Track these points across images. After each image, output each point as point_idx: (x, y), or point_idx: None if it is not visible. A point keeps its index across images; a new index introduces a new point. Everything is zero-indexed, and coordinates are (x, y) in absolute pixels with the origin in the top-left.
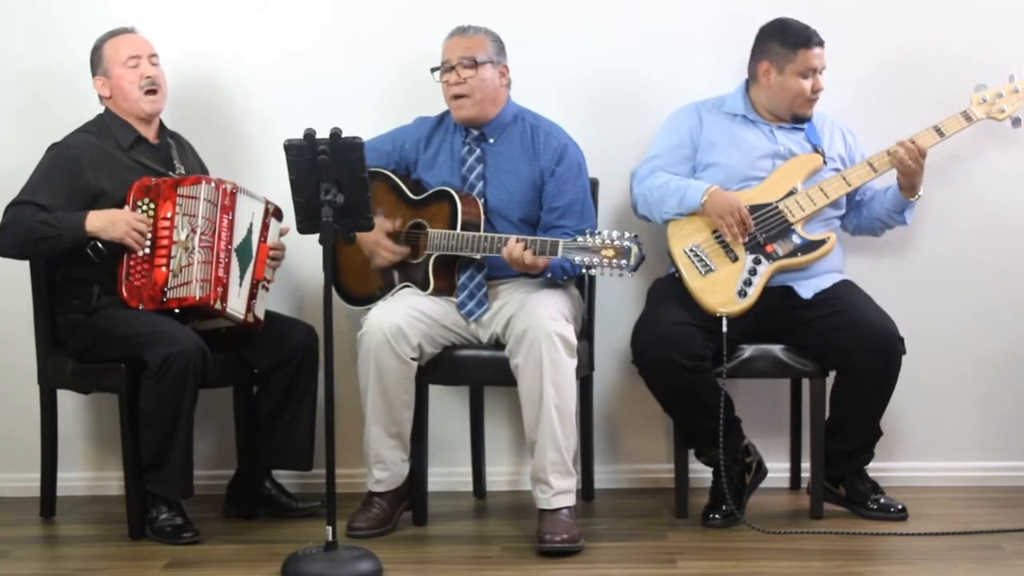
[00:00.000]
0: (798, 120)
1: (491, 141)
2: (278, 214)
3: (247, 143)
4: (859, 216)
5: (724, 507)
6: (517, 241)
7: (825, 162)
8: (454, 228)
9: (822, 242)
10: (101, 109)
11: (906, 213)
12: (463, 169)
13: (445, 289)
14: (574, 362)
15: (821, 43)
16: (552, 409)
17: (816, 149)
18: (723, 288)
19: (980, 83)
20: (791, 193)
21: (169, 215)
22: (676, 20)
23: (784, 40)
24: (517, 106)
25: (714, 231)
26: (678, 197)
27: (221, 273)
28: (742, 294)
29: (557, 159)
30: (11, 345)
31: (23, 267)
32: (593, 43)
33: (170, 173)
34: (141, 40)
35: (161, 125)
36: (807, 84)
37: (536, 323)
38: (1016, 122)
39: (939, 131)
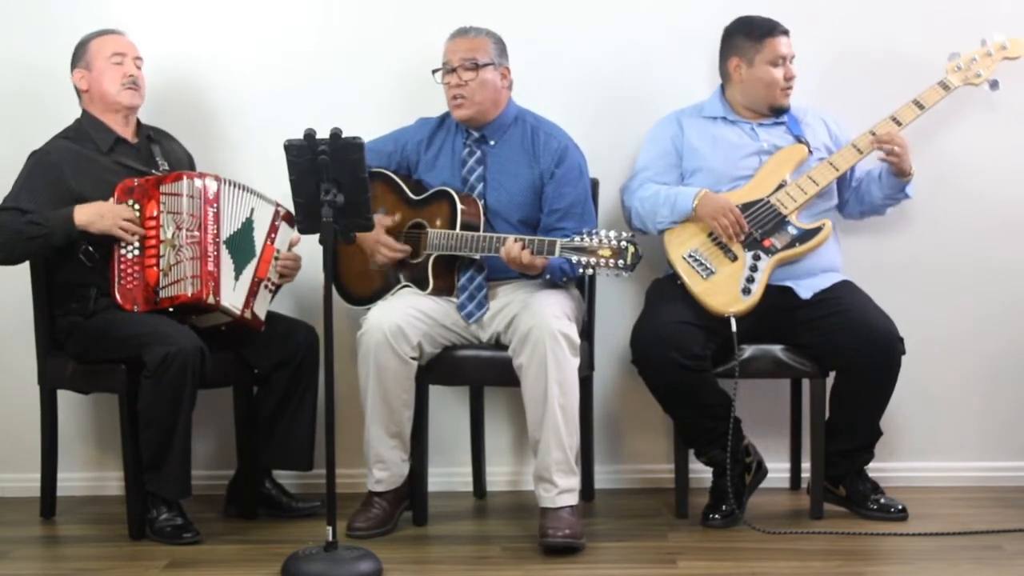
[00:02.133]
0: (777, 112)
1: (492, 143)
2: (290, 219)
3: (247, 143)
4: (861, 202)
5: (724, 507)
6: (515, 241)
7: (811, 152)
8: (453, 228)
9: (818, 229)
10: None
11: (907, 189)
12: (463, 170)
13: (445, 289)
14: (577, 361)
15: (786, 32)
16: (557, 408)
17: (799, 140)
18: (726, 289)
19: (953, 51)
20: (781, 186)
21: (155, 214)
22: (676, 20)
23: (749, 33)
24: (518, 107)
25: (710, 234)
26: (669, 205)
27: (211, 267)
28: (746, 292)
29: (557, 161)
30: (11, 346)
31: (23, 269)
32: (594, 44)
33: (153, 171)
34: (128, 42)
35: (138, 123)
36: (779, 72)
37: (540, 322)
38: (994, 85)
39: (919, 104)
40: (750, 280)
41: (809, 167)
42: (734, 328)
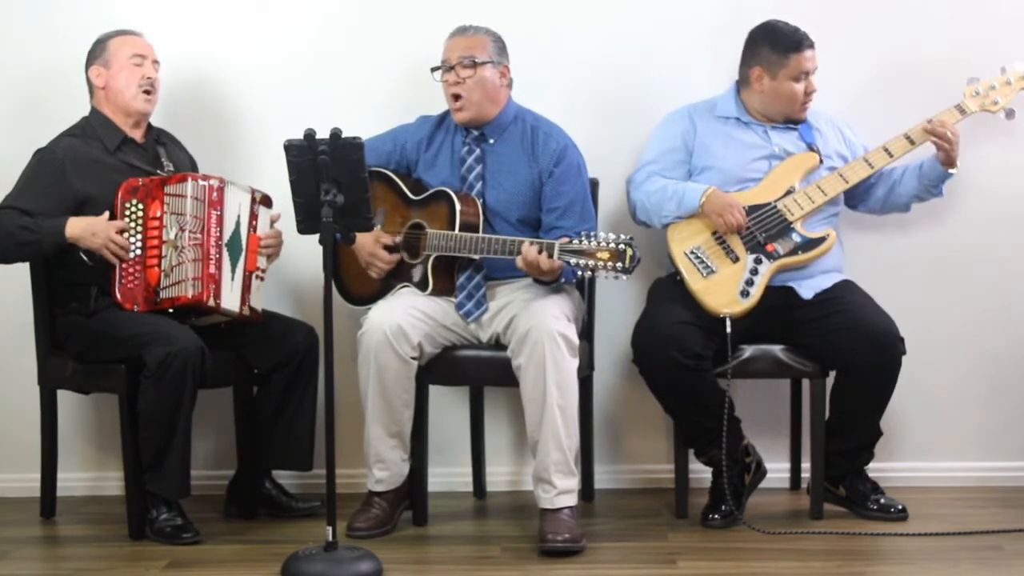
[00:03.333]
0: (792, 122)
1: (491, 141)
2: (266, 201)
3: (247, 144)
4: (892, 192)
5: (724, 507)
6: (531, 244)
7: (821, 160)
8: (452, 229)
9: (822, 239)
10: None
11: (943, 186)
12: (462, 169)
13: (444, 289)
14: (576, 362)
15: (812, 45)
16: (555, 409)
17: (811, 148)
18: (725, 289)
19: (973, 76)
20: (789, 192)
21: (158, 214)
22: (677, 21)
23: (775, 45)
24: (518, 106)
25: (714, 232)
26: (676, 200)
27: (212, 270)
28: (744, 294)
29: (556, 160)
30: (11, 346)
31: (23, 269)
32: (594, 44)
33: (158, 172)
34: (148, 44)
35: (148, 124)
36: (800, 88)
37: (539, 323)
38: (1010, 113)
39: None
40: (749, 283)
41: (819, 175)
42: (729, 329)
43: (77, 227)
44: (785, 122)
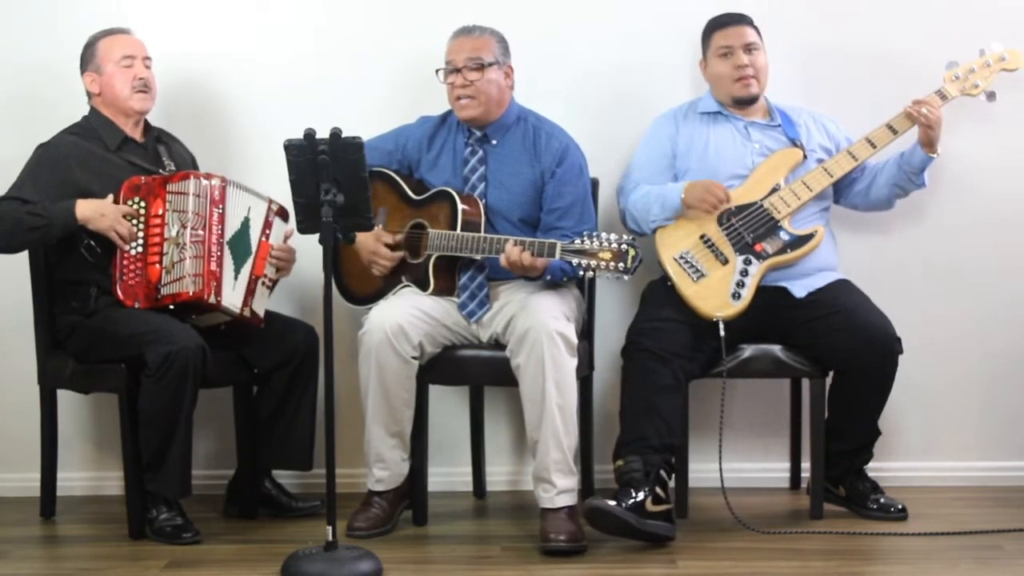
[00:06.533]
0: (742, 103)
1: (493, 142)
2: (283, 214)
3: (247, 144)
4: (873, 187)
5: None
6: (514, 244)
7: (805, 156)
8: (454, 228)
9: (810, 236)
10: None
11: (924, 173)
12: (465, 169)
13: (446, 289)
14: (575, 361)
15: (739, 21)
16: (554, 408)
17: (794, 143)
18: (716, 292)
19: (951, 60)
20: (774, 190)
21: (160, 212)
22: (678, 20)
23: (705, 32)
24: (520, 106)
25: (702, 236)
26: (660, 202)
27: (213, 267)
28: (736, 296)
29: (558, 160)
30: (11, 345)
31: (23, 268)
32: (595, 43)
33: (159, 171)
34: (136, 41)
35: (146, 124)
36: (726, 64)
37: (537, 323)
38: (991, 96)
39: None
40: (740, 285)
41: (804, 171)
42: (722, 332)
43: (88, 208)
44: (736, 105)
